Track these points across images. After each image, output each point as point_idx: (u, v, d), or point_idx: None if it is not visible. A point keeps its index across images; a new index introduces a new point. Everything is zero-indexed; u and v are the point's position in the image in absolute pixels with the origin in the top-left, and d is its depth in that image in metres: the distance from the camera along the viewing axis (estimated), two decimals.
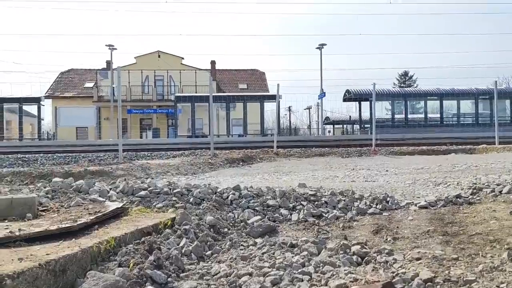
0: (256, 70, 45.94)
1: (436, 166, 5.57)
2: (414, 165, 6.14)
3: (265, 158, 10.08)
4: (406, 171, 5.10)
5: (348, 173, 5.23)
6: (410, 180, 4.06)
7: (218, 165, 8.43)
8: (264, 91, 42.34)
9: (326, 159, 9.58)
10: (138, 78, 37.08)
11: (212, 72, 40.76)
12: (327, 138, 23.45)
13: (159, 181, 5.40)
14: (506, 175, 3.96)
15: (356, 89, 26.28)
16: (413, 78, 66.71)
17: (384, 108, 37.71)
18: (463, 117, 29.01)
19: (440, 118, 27.28)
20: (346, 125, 46.80)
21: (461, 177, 4.05)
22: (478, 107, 27.14)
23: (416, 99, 29.78)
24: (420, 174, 4.50)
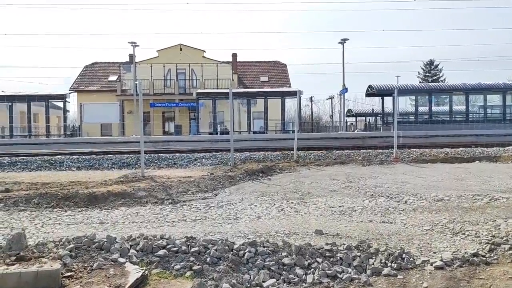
0: (277, 62, 45.73)
1: (456, 195, 5.49)
2: (434, 190, 6.07)
3: (285, 168, 10.11)
4: (426, 204, 5.05)
5: (366, 204, 5.22)
6: (428, 224, 4.03)
7: (238, 179, 8.51)
8: (285, 83, 42.14)
9: (346, 171, 9.54)
10: (160, 72, 37.43)
11: (234, 65, 40.75)
12: (349, 136, 23.24)
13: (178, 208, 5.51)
14: None
15: (379, 85, 25.89)
16: (438, 68, 65.21)
17: (407, 103, 37.14)
18: (490, 112, 28.30)
19: (465, 114, 26.67)
20: (369, 117, 46.28)
21: (480, 221, 4.01)
22: (506, 102, 26.39)
23: (441, 94, 29.20)
24: (439, 213, 4.46)
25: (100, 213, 5.36)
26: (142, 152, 8.95)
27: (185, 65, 37.69)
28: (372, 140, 22.07)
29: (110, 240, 3.24)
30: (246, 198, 6.32)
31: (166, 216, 5.03)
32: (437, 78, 64.58)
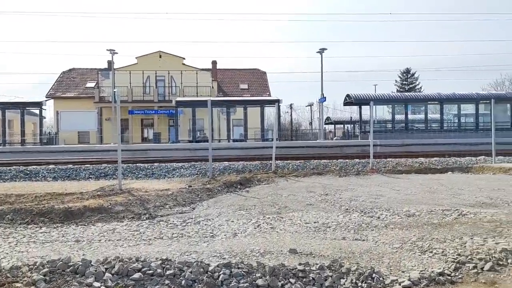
0: (257, 69, 45.97)
1: (427, 210, 5.66)
2: (406, 204, 6.24)
3: (263, 179, 10.20)
4: (398, 220, 5.20)
5: (340, 220, 5.33)
6: (398, 241, 4.16)
7: (216, 191, 8.55)
8: (265, 91, 42.38)
9: (323, 182, 9.69)
10: (139, 79, 37.18)
11: (213, 72, 40.80)
12: (327, 144, 23.55)
13: (155, 224, 5.53)
14: (491, 239, 4.06)
15: (356, 94, 26.35)
16: (415, 76, 66.58)
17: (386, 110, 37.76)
18: (463, 122, 29.07)
19: (440, 123, 27.34)
20: (347, 125, 46.89)
21: (447, 238, 4.16)
22: (479, 112, 27.17)
23: (417, 103, 29.85)
24: (409, 229, 4.61)
25: (76, 230, 5.33)
26: (119, 164, 8.90)
27: (164, 72, 37.55)
28: (350, 149, 22.41)
29: (85, 263, 3.25)
30: (224, 212, 6.37)
31: (143, 233, 5.04)
32: (413, 86, 65.90)
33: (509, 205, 6.11)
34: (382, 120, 35.10)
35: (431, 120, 29.75)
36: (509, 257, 3.54)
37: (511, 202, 6.28)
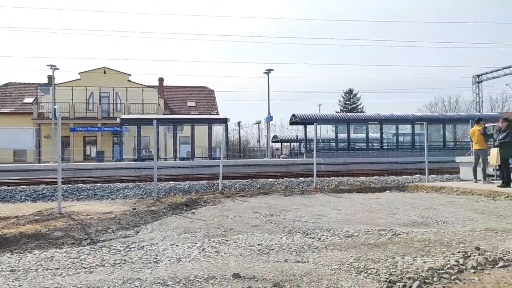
0: (205, 87, 46.05)
1: (365, 230, 5.96)
2: (346, 225, 6.52)
3: (209, 200, 10.22)
4: (337, 241, 5.42)
5: (283, 241, 5.48)
6: (337, 262, 4.36)
7: (161, 213, 8.47)
8: (213, 109, 42.47)
9: (269, 202, 9.87)
10: (82, 95, 36.06)
11: (160, 90, 40.39)
12: (274, 163, 23.94)
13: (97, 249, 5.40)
14: (420, 258, 4.36)
15: (301, 114, 27.12)
16: (357, 96, 69.50)
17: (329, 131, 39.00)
18: (401, 141, 30.67)
19: (380, 143, 28.66)
20: (294, 143, 47.90)
21: (381, 258, 4.41)
22: (415, 132, 28.79)
23: (358, 124, 31.16)
24: (348, 250, 4.83)
25: (11, 258, 5.10)
26: (59, 184, 8.58)
27: (109, 88, 36.70)
28: (296, 167, 22.93)
29: None
30: (169, 236, 6.33)
31: (84, 260, 4.91)
32: (356, 106, 68.74)
33: (438, 224, 6.55)
34: (326, 139, 36.29)
35: (372, 139, 31.13)
36: (434, 275, 3.83)
37: (440, 221, 6.74)
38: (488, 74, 41.11)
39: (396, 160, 24.99)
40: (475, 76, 42.31)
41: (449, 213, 7.58)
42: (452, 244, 4.91)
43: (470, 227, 6.14)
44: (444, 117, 32.25)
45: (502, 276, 3.82)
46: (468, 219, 6.90)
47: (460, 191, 10.48)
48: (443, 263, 4.12)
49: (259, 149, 50.66)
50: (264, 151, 40.62)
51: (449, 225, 6.44)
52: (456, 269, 3.99)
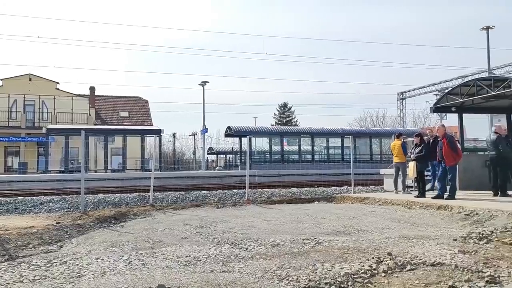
0: (139, 97, 45.05)
1: (290, 239, 6.21)
2: (274, 235, 6.75)
3: (139, 213, 10.05)
4: (263, 251, 5.61)
5: (211, 252, 5.57)
6: (261, 271, 4.52)
7: (88, 227, 8.21)
8: (146, 119, 41.61)
9: (201, 214, 9.89)
10: (4, 103, 33.85)
11: (91, 99, 38.96)
12: (208, 175, 23.93)
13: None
14: (338, 264, 4.66)
15: (236, 126, 27.45)
16: (291, 110, 71.41)
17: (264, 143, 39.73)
18: (332, 154, 32.00)
19: (311, 155, 29.69)
20: (229, 155, 48.12)
21: (303, 266, 4.64)
22: (344, 145, 30.18)
23: (291, 137, 32.11)
24: (272, 259, 5.02)
25: None
26: None
27: (34, 96, 34.78)
28: (230, 179, 23.09)
29: None
30: (94, 250, 6.18)
31: (0, 277, 4.68)
32: (290, 120, 70.58)
33: (359, 232, 6.98)
34: (261, 151, 36.88)
35: (304, 151, 32.17)
36: (349, 280, 4.12)
37: (360, 230, 7.18)
38: (410, 91, 44.22)
39: (326, 172, 26.00)
40: (399, 93, 45.31)
41: (369, 222, 8.07)
42: (368, 251, 5.27)
43: (386, 234, 6.60)
44: (371, 131, 34.12)
45: (409, 278, 4.19)
46: (385, 228, 7.41)
47: (382, 201, 11.16)
48: (358, 268, 4.44)
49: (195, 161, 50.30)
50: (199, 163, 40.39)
51: (368, 233, 6.88)
52: (369, 274, 4.31)
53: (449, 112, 15.36)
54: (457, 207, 8.64)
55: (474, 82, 12.81)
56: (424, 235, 6.46)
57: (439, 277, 4.18)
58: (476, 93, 12.59)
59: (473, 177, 12.97)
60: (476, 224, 7.36)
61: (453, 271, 4.36)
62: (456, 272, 4.31)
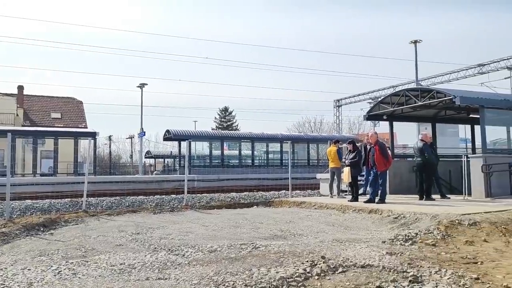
0: (72, 98, 43.06)
1: (228, 244, 6.23)
2: (211, 240, 6.74)
3: (71, 219, 9.60)
4: (201, 256, 5.59)
5: (147, 259, 5.46)
6: (197, 277, 4.51)
7: (14, 235, 7.73)
8: (81, 121, 39.86)
9: (137, 220, 9.64)
10: None
11: (19, 99, 36.67)
12: (146, 179, 23.36)
13: None
14: (274, 269, 4.75)
15: (175, 130, 27.07)
16: (232, 114, 71.60)
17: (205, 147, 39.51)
18: (271, 158, 32.48)
19: (251, 160, 29.96)
20: (168, 159, 47.25)
21: (239, 271, 4.68)
22: (283, 150, 30.76)
23: (231, 141, 32.21)
24: (209, 265, 5.02)
25: None
26: None
27: None
28: (168, 184, 22.71)
29: None
30: (20, 260, 5.84)
31: None
32: (231, 124, 70.74)
33: (295, 236, 7.16)
34: (201, 156, 36.62)
35: (245, 156, 32.40)
36: (284, 283, 4.22)
37: (296, 234, 7.36)
38: (346, 99, 46.00)
39: (265, 177, 26.34)
40: (336, 100, 46.97)
41: (305, 226, 8.29)
42: (303, 255, 5.42)
43: (320, 238, 6.83)
44: (309, 137, 35.10)
45: (340, 280, 4.38)
46: (320, 231, 7.65)
47: (318, 205, 11.50)
48: (293, 272, 4.56)
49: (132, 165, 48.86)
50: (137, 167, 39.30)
51: (304, 237, 7.08)
52: (303, 277, 4.45)
53: (381, 120, 16.20)
54: (387, 210, 9.11)
55: (403, 92, 13.61)
56: (356, 238, 6.75)
57: (368, 278, 4.40)
58: (405, 102, 13.38)
59: (402, 182, 13.76)
60: (403, 226, 7.81)
61: (380, 272, 4.61)
62: (383, 273, 4.56)
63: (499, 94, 16.08)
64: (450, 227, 7.02)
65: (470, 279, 4.39)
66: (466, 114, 14.56)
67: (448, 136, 21.95)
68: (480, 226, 7.09)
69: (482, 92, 16.56)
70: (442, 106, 13.54)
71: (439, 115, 15.11)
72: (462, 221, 7.25)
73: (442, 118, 15.35)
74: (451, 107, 13.85)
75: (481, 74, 32.94)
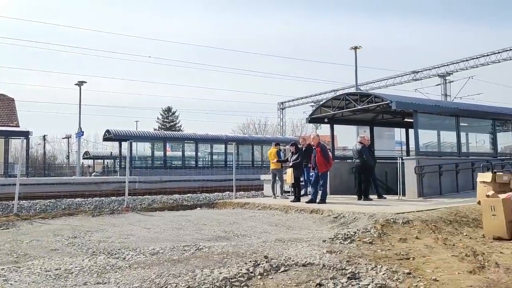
0: (3, 95, 40.30)
1: (170, 247, 6.14)
2: (153, 243, 6.61)
3: (1, 224, 9.04)
4: (142, 259, 5.46)
5: (85, 264, 5.24)
6: (139, 280, 4.40)
7: None
8: (12, 120, 37.45)
9: (74, 223, 9.25)
10: None
11: None
12: (84, 181, 22.40)
13: None
14: (217, 269, 4.75)
15: (116, 130, 26.23)
16: (175, 115, 70.53)
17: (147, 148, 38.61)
18: (216, 160, 32.37)
19: (195, 161, 29.68)
20: (108, 160, 45.66)
21: (182, 273, 4.64)
22: (227, 151, 30.75)
23: (175, 142, 31.71)
24: (151, 267, 4.92)
25: None
26: None
27: None
28: (108, 186, 21.96)
29: None
30: None
31: None
32: (174, 124, 69.63)
33: (238, 237, 7.19)
34: (143, 157, 35.72)
35: (188, 157, 32.02)
36: (227, 284, 4.24)
37: (240, 235, 7.40)
38: (290, 102, 46.90)
39: (209, 178, 26.22)
40: (280, 103, 47.75)
41: (249, 227, 8.36)
42: (246, 255, 5.46)
43: (264, 238, 6.91)
44: (253, 138, 35.37)
45: (282, 279, 4.46)
46: (263, 232, 7.74)
47: (261, 206, 11.62)
48: (236, 272, 4.58)
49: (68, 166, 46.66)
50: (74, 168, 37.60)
51: (247, 237, 7.13)
52: (246, 277, 4.48)
53: (322, 123, 16.68)
54: (327, 210, 9.40)
55: (344, 96, 14.11)
56: (297, 237, 6.90)
57: (308, 276, 4.52)
58: (345, 106, 13.87)
59: (342, 182, 14.25)
60: (342, 226, 8.09)
61: (321, 270, 4.75)
62: (324, 271, 4.71)
63: (431, 100, 17.13)
64: (385, 225, 7.37)
65: (403, 274, 4.64)
66: (401, 118, 15.37)
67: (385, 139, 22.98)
68: (413, 224, 7.51)
69: (416, 97, 17.55)
70: (379, 110, 14.19)
71: (376, 119, 15.81)
72: (397, 220, 7.64)
73: (379, 121, 16.07)
74: (387, 112, 14.54)
75: (415, 80, 34.93)
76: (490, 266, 5.01)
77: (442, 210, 8.58)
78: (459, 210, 8.65)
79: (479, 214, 8.01)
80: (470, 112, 14.13)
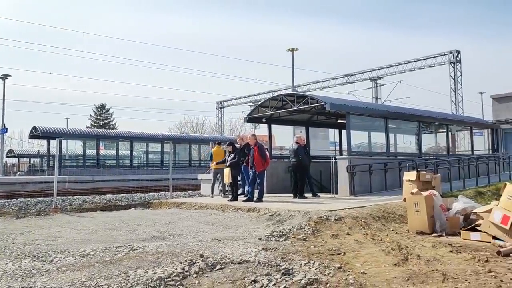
0: None
1: (102, 248, 5.92)
2: (84, 244, 6.34)
3: None
4: (71, 262, 5.22)
5: (8, 268, 4.87)
6: (68, 283, 4.20)
7: None
8: None
9: None
10: None
11: None
12: (6, 181, 20.92)
13: None
14: (151, 270, 4.66)
15: (44, 127, 24.79)
16: (109, 112, 67.99)
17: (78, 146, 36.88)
18: (152, 159, 31.61)
19: (130, 160, 28.81)
20: (34, 159, 43.03)
21: (115, 274, 4.49)
22: (164, 150, 30.15)
23: (108, 140, 30.56)
24: (81, 270, 4.72)
25: None
26: None
27: None
28: (35, 186, 20.73)
29: None
30: None
31: None
32: (108, 122, 67.10)
33: (174, 237, 7.10)
34: (74, 155, 34.09)
35: (122, 156, 31.01)
36: (162, 284, 4.17)
37: (176, 234, 7.31)
38: (228, 101, 46.96)
39: (145, 178, 25.60)
40: (218, 102, 47.67)
41: (185, 226, 8.27)
42: (182, 254, 5.40)
43: (200, 237, 6.87)
44: (191, 137, 34.98)
45: (217, 277, 4.47)
46: (200, 231, 7.70)
47: (198, 206, 11.54)
48: (171, 272, 4.52)
49: None
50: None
51: (183, 237, 7.05)
52: (181, 276, 4.44)
53: (260, 123, 16.88)
54: (264, 209, 9.54)
55: (281, 97, 14.38)
56: (234, 236, 6.94)
57: (244, 273, 4.57)
58: (283, 107, 14.15)
59: (278, 181, 14.51)
60: (278, 223, 8.25)
61: (256, 267, 4.82)
62: (259, 268, 4.78)
63: (363, 102, 17.94)
64: (319, 222, 7.62)
65: (334, 268, 4.83)
66: (335, 120, 15.96)
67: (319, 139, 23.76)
68: (344, 221, 7.83)
69: (349, 100, 18.32)
70: (315, 111, 14.62)
71: (312, 119, 16.28)
72: (329, 217, 7.93)
73: (314, 122, 16.57)
74: (322, 113, 15.04)
75: (348, 83, 36.41)
76: (412, 258, 5.35)
77: (371, 207, 9.02)
78: (387, 207, 9.15)
79: (404, 211, 8.53)
80: (398, 115, 14.98)
